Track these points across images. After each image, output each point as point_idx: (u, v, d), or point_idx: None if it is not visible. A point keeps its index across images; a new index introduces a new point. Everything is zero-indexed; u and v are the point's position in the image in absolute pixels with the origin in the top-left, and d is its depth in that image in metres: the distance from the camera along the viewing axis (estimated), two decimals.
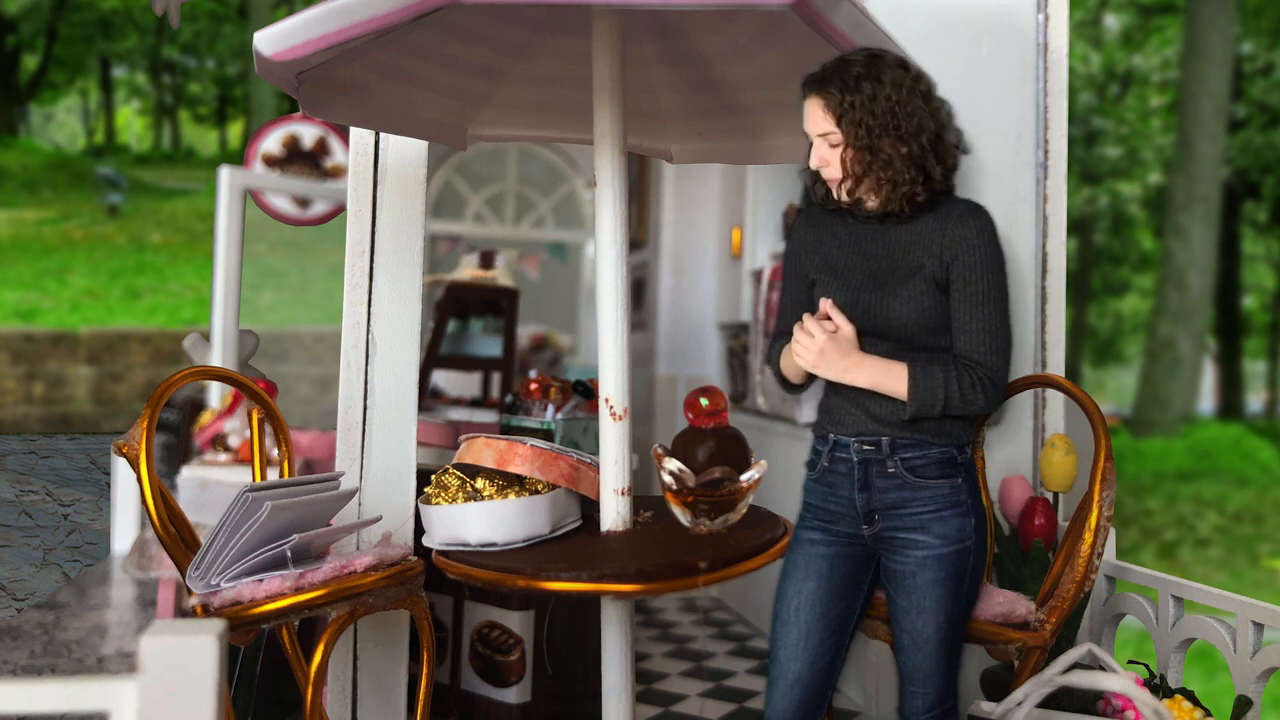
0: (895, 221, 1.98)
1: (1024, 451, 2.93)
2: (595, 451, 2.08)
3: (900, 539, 1.96)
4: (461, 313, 4.30)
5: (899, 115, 1.89)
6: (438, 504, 2.02)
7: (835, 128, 1.90)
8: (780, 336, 2.16)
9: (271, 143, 4.05)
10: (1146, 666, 2.37)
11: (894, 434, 1.96)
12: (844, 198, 1.97)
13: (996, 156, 2.94)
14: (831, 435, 2.03)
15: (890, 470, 1.96)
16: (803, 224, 2.12)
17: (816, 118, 1.92)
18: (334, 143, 4.08)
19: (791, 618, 2.01)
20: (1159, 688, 2.30)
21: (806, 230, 2.11)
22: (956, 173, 1.98)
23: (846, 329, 1.93)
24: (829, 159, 1.93)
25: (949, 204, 1.96)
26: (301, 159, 4.07)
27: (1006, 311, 1.95)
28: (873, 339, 1.97)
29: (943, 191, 1.97)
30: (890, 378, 1.92)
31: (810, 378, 2.09)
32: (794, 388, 2.13)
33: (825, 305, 1.95)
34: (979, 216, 1.95)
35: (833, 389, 2.04)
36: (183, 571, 2.04)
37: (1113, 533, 2.55)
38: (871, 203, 1.97)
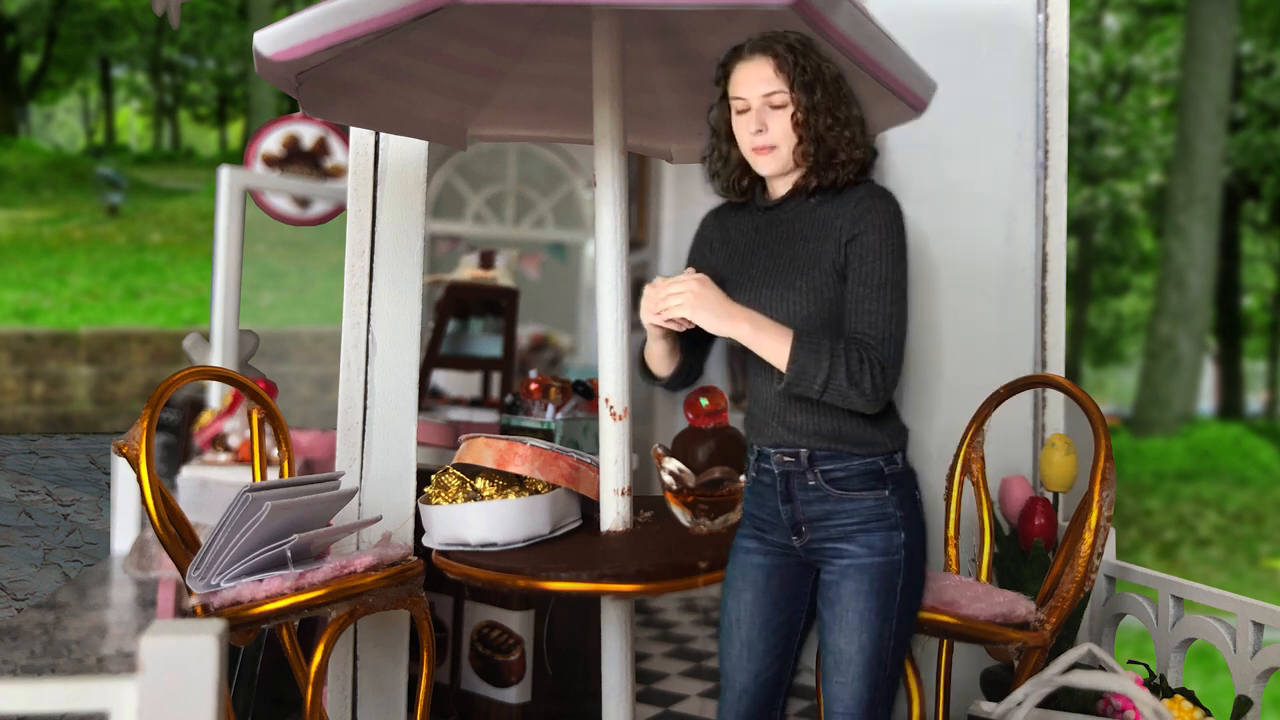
0: (800, 208, 1.87)
1: (1024, 451, 2.93)
2: (595, 451, 2.08)
3: (828, 549, 1.84)
4: (461, 313, 4.30)
5: (843, 82, 1.83)
6: (438, 504, 2.02)
7: (786, 88, 1.79)
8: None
9: (271, 143, 4.05)
10: (1146, 666, 2.37)
11: (812, 445, 1.83)
12: (772, 171, 1.86)
13: (996, 156, 2.94)
14: (755, 445, 1.93)
15: (810, 483, 1.84)
16: (711, 220, 2.05)
17: (764, 77, 1.80)
18: (334, 143, 4.08)
19: (733, 629, 1.91)
20: (1159, 688, 2.30)
21: (715, 227, 2.03)
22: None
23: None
24: (768, 123, 1.81)
25: (854, 188, 1.84)
26: (301, 159, 4.07)
27: (904, 300, 1.79)
28: None
29: (864, 169, 1.87)
30: (771, 334, 1.75)
31: (675, 367, 1.98)
32: (656, 379, 2.01)
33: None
34: (883, 198, 1.82)
35: (753, 399, 1.93)
36: (183, 571, 2.04)
37: (1113, 533, 2.55)
38: (781, 183, 1.88)
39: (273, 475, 2.60)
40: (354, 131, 2.69)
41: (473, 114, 2.44)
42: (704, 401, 2.04)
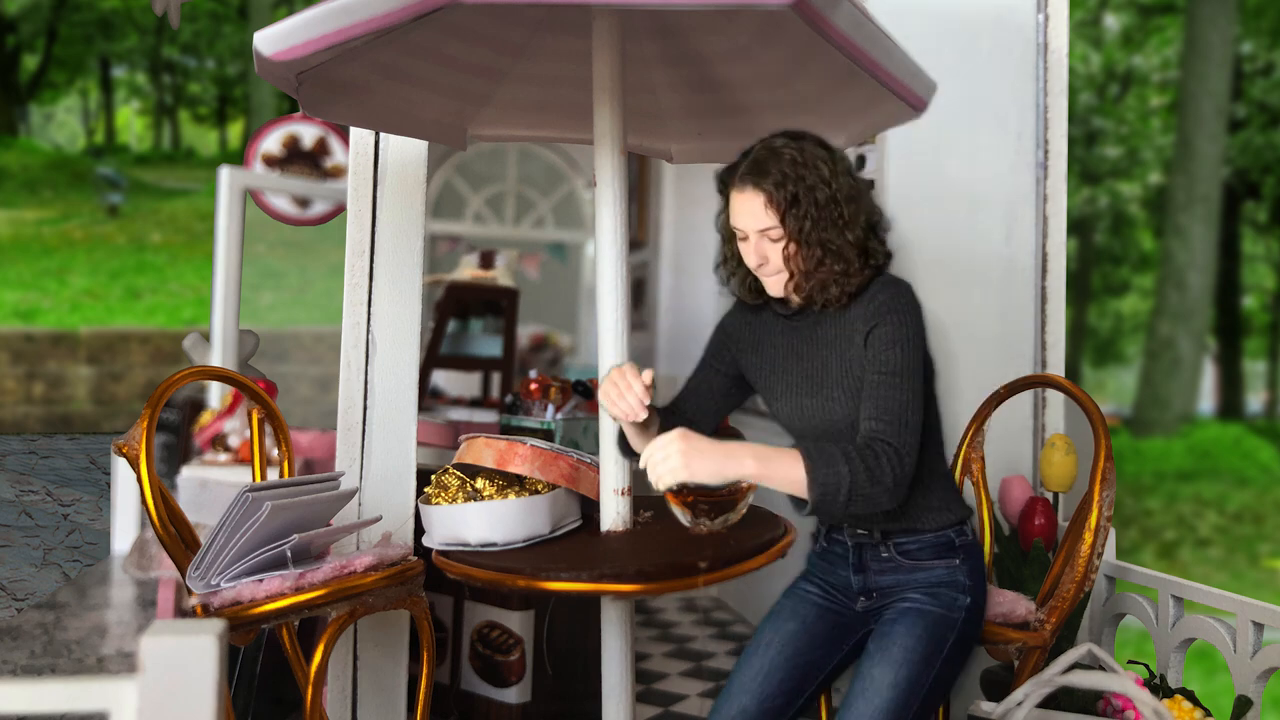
0: (820, 315, 1.86)
1: (1024, 451, 2.93)
2: (595, 451, 2.08)
3: (892, 603, 1.90)
4: (461, 313, 4.30)
5: (840, 201, 1.79)
6: (438, 504, 2.02)
7: (778, 223, 1.78)
8: (673, 412, 2.03)
9: (271, 143, 4.05)
10: (1146, 666, 2.37)
11: (883, 525, 1.88)
12: (783, 294, 1.85)
13: (996, 156, 2.94)
14: (823, 524, 1.99)
15: (884, 555, 1.89)
16: (736, 320, 2.01)
17: (756, 212, 1.79)
18: (334, 143, 4.08)
19: (760, 649, 1.91)
20: (1159, 688, 2.29)
21: (742, 324, 2.00)
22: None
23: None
24: (769, 254, 1.81)
25: (870, 285, 1.82)
26: (301, 159, 4.07)
27: (919, 389, 1.76)
28: (824, 440, 1.82)
29: (880, 270, 1.85)
30: (779, 461, 1.64)
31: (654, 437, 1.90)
32: (635, 456, 1.95)
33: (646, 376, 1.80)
34: (894, 288, 1.80)
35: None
36: (183, 571, 2.04)
37: (1113, 533, 2.55)
38: (796, 298, 1.85)
39: (273, 475, 2.60)
40: (354, 131, 2.69)
41: (473, 114, 2.44)
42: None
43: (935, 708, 1.89)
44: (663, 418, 2.00)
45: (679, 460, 1.62)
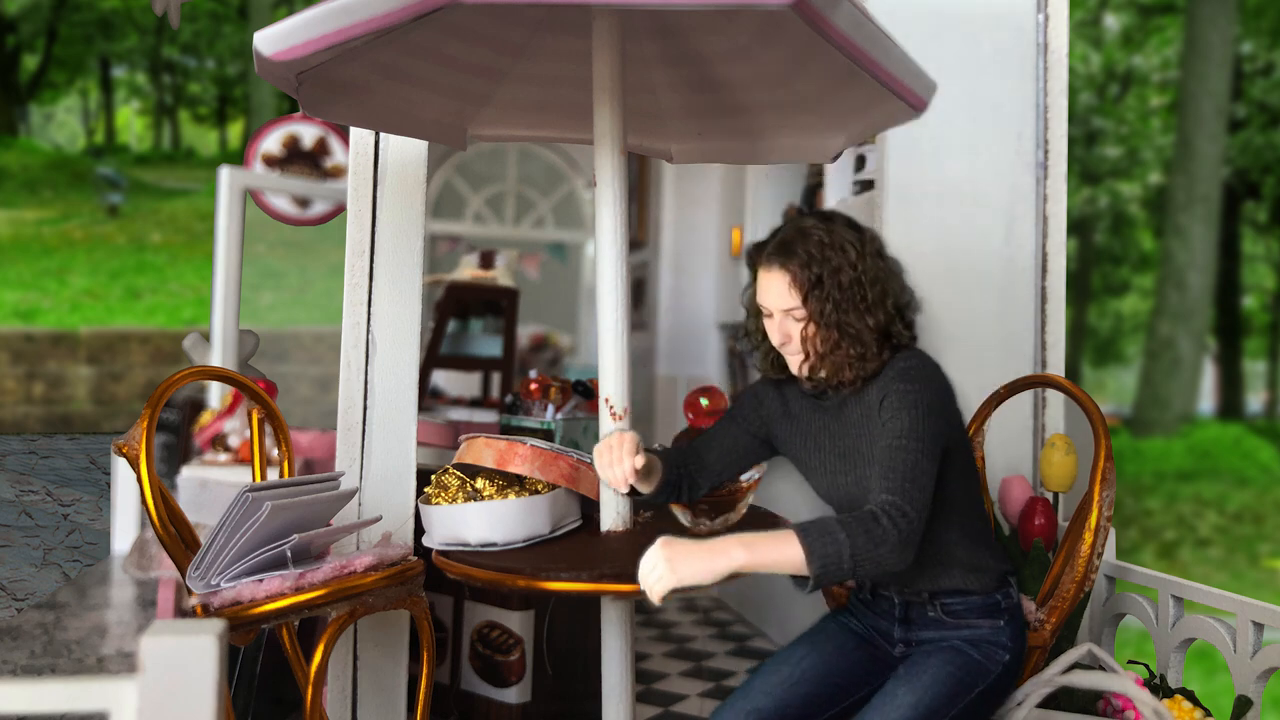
0: (846, 395, 1.87)
1: (1024, 451, 2.93)
2: None
3: (929, 647, 1.91)
4: (461, 313, 4.30)
5: (864, 284, 1.80)
6: (438, 504, 2.02)
7: (801, 303, 1.80)
8: (693, 456, 2.01)
9: (271, 143, 4.05)
10: (1146, 666, 2.37)
11: (930, 586, 1.89)
12: (802, 374, 1.87)
13: (996, 156, 2.94)
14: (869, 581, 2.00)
15: (930, 614, 1.91)
16: (769, 389, 2.01)
17: (780, 292, 1.82)
18: (334, 143, 4.08)
19: (790, 660, 1.92)
20: (1159, 688, 2.29)
21: (776, 394, 2.00)
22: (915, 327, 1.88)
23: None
24: (791, 333, 1.84)
25: (891, 361, 1.83)
26: (301, 159, 4.07)
27: (931, 451, 1.72)
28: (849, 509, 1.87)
29: (903, 347, 1.85)
30: (770, 543, 1.59)
31: (659, 482, 1.92)
32: (641, 494, 1.94)
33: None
34: (912, 357, 1.81)
35: None
36: (183, 571, 2.04)
37: (1113, 533, 2.55)
38: (822, 374, 1.86)
39: (273, 475, 2.60)
40: (354, 131, 2.69)
41: (473, 114, 2.44)
42: (704, 401, 2.05)
43: None
44: (682, 460, 1.99)
45: (665, 568, 1.57)
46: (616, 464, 1.80)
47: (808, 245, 1.80)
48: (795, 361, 1.86)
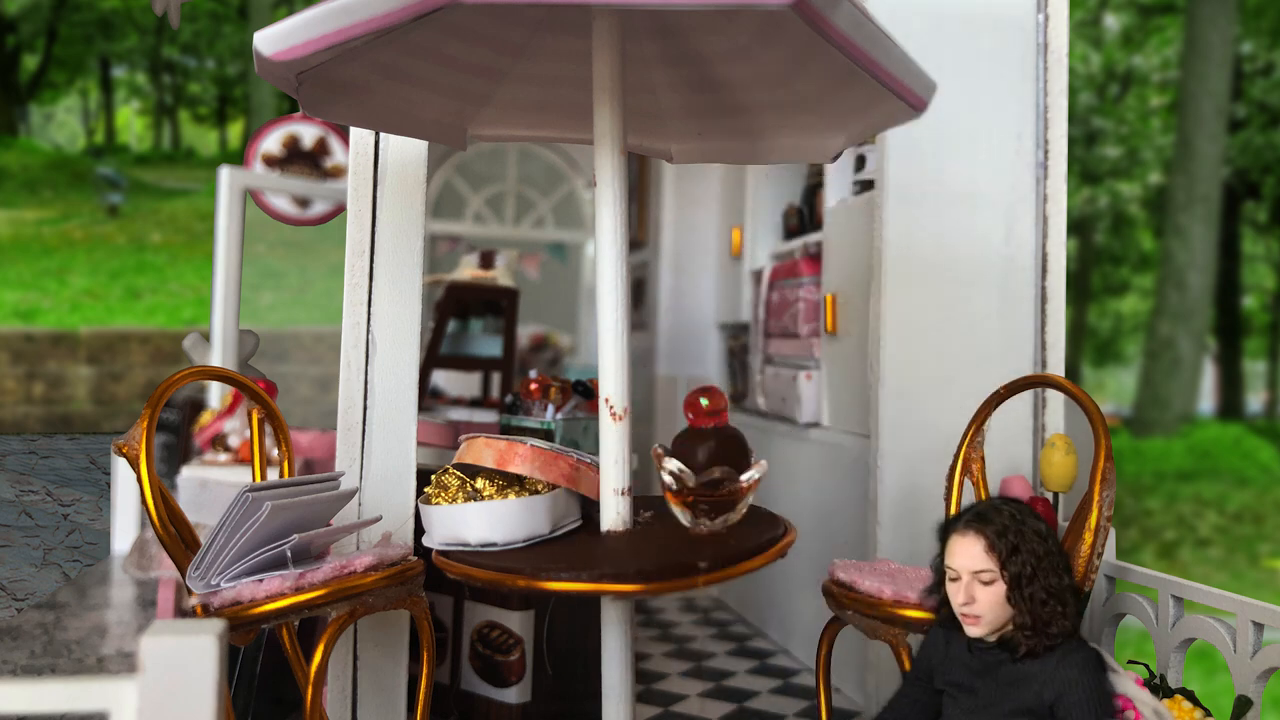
0: (1008, 658, 2.02)
1: (1024, 451, 2.93)
2: (595, 451, 2.08)
3: None
4: (461, 313, 4.30)
5: (1051, 560, 1.98)
6: (438, 504, 2.02)
7: (996, 567, 1.96)
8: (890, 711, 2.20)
9: (271, 143, 4.05)
10: (1146, 666, 2.37)
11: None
12: (979, 633, 2.01)
13: (996, 156, 2.94)
14: None
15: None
16: (941, 634, 2.16)
17: (975, 555, 1.98)
18: (334, 143, 4.08)
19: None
20: (1159, 688, 2.29)
21: (943, 642, 2.14)
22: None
23: None
24: (976, 596, 1.98)
25: (1060, 647, 2.00)
26: (301, 159, 4.07)
27: None
28: None
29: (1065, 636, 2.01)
30: None
31: None
32: None
33: None
34: (1082, 652, 1.98)
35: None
36: (183, 571, 2.04)
37: (1113, 533, 2.55)
38: (976, 634, 2.02)
39: (273, 475, 2.60)
40: (354, 131, 2.69)
41: (473, 114, 2.44)
42: (704, 401, 2.04)
43: None
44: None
45: None
46: None
47: (1002, 519, 1.99)
48: (977, 625, 2.00)
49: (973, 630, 2.00)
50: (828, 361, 3.84)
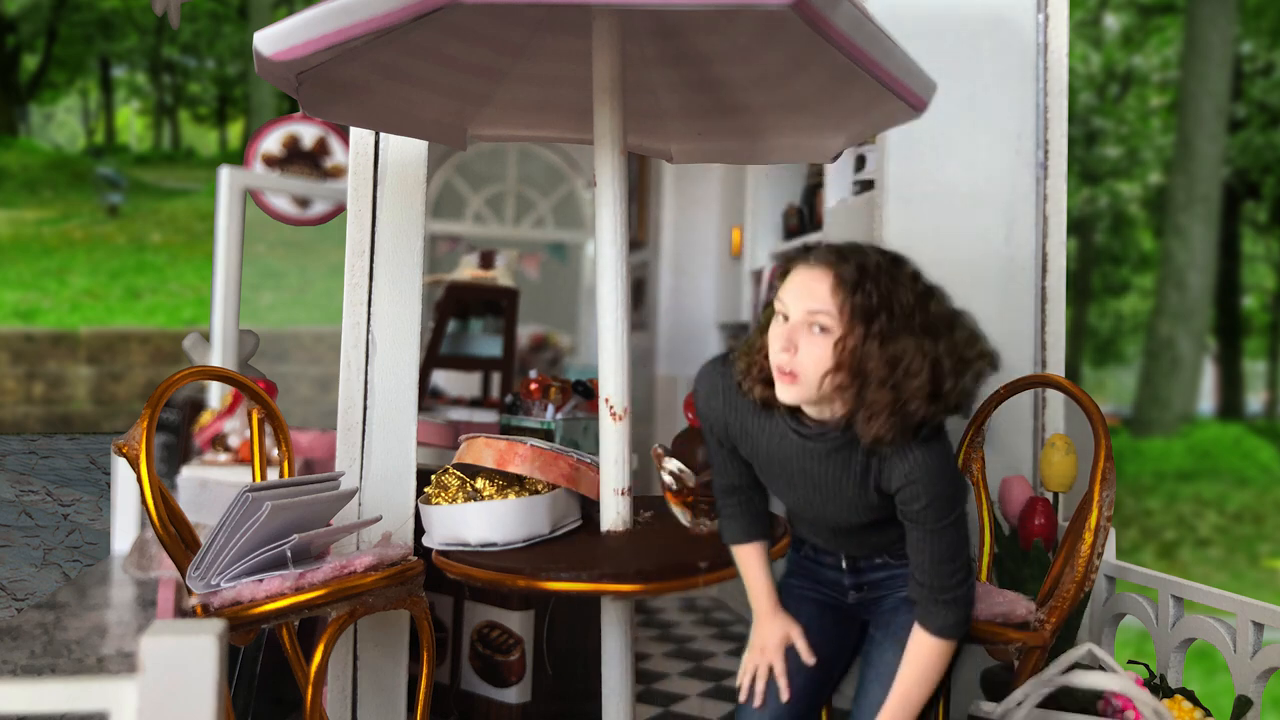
0: (834, 443, 1.64)
1: (1024, 451, 2.93)
2: (595, 451, 2.08)
3: (885, 595, 1.93)
4: (461, 313, 4.30)
5: (932, 316, 1.55)
6: (438, 504, 2.02)
7: (837, 311, 1.51)
8: (723, 495, 1.89)
9: (271, 143, 4.05)
10: (1146, 666, 2.37)
11: (875, 557, 1.91)
12: (793, 401, 1.58)
13: (996, 156, 2.94)
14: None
15: (877, 561, 1.92)
16: (720, 401, 1.76)
17: (816, 293, 1.52)
18: (334, 143, 4.08)
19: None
20: (1159, 688, 2.29)
21: (726, 408, 1.76)
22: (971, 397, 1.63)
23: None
24: (800, 346, 1.54)
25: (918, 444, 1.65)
26: (301, 159, 4.07)
27: (962, 530, 1.68)
28: (825, 523, 1.84)
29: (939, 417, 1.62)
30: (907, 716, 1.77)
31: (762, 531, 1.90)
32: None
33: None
34: (926, 447, 1.61)
35: (801, 522, 1.92)
36: (183, 571, 2.04)
37: (1113, 533, 2.55)
38: (785, 398, 1.59)
39: (273, 475, 2.60)
40: (354, 131, 2.69)
41: (473, 114, 2.44)
42: None
43: (942, 685, 1.93)
44: (722, 501, 1.90)
45: None
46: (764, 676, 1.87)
47: (869, 259, 1.55)
48: (790, 387, 1.57)
49: (784, 393, 1.55)
50: None
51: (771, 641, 1.90)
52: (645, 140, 2.55)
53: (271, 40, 1.74)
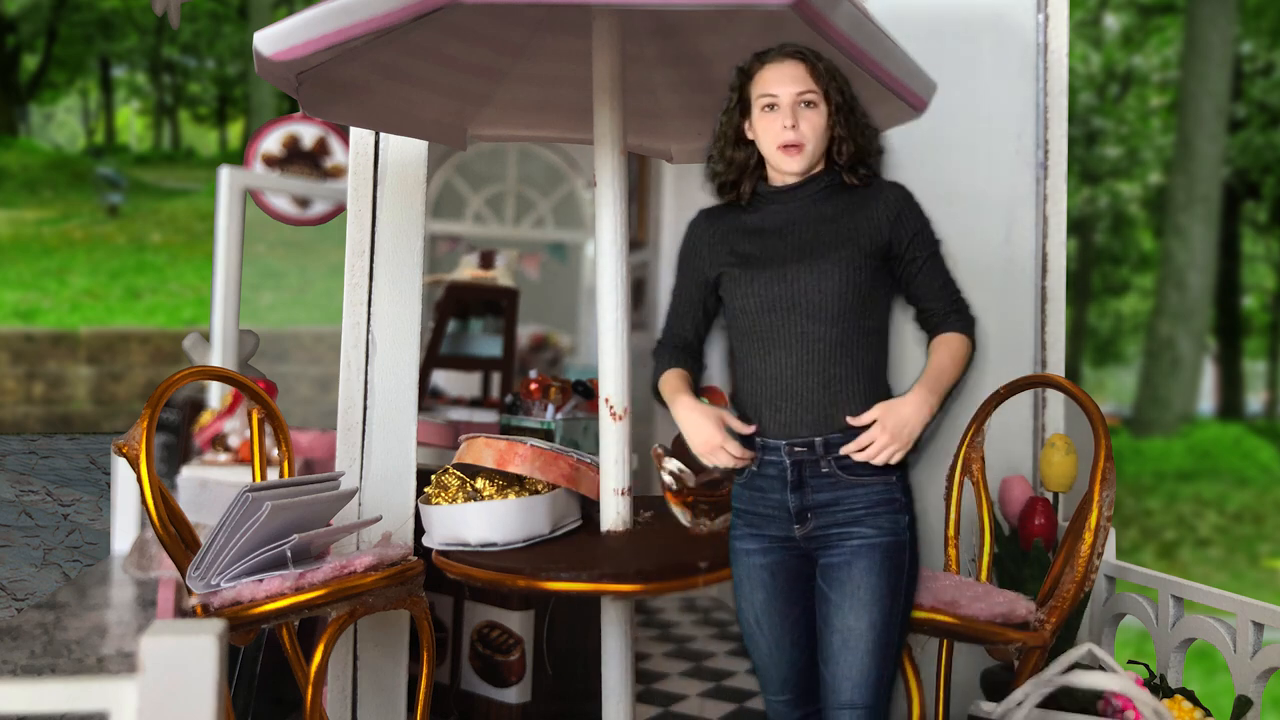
0: (815, 195, 1.95)
1: (1024, 451, 2.93)
2: (595, 451, 2.08)
3: (834, 534, 1.87)
4: (461, 313, 4.30)
5: (854, 92, 1.94)
6: (438, 504, 2.02)
7: (819, 88, 1.89)
8: (666, 347, 2.08)
9: (271, 143, 4.05)
10: (1146, 666, 2.37)
11: (826, 434, 1.86)
12: (800, 166, 1.92)
13: (996, 156, 2.94)
14: (758, 439, 1.92)
15: (824, 470, 1.87)
16: (702, 221, 2.06)
17: (798, 77, 1.89)
18: (334, 143, 4.07)
19: (755, 631, 1.95)
20: (1159, 688, 2.29)
21: (706, 227, 2.05)
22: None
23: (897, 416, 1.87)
24: (800, 121, 1.89)
25: (871, 182, 1.99)
26: (301, 159, 4.07)
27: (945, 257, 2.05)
28: (799, 318, 1.89)
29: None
30: (952, 373, 1.94)
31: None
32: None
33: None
34: (898, 184, 1.99)
35: (753, 387, 1.93)
36: (183, 571, 2.04)
37: (1113, 533, 2.55)
38: (794, 167, 1.93)
39: (273, 475, 2.60)
40: (354, 131, 2.69)
41: (473, 114, 2.44)
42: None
43: (908, 624, 1.95)
44: (659, 350, 2.08)
45: (898, 447, 1.86)
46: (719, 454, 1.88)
47: (816, 50, 1.91)
48: (799, 155, 1.90)
49: (792, 163, 1.91)
50: None
51: (709, 433, 1.89)
52: (645, 140, 2.55)
53: (271, 40, 1.74)
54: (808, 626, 1.92)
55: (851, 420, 1.86)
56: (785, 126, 1.88)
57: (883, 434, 1.83)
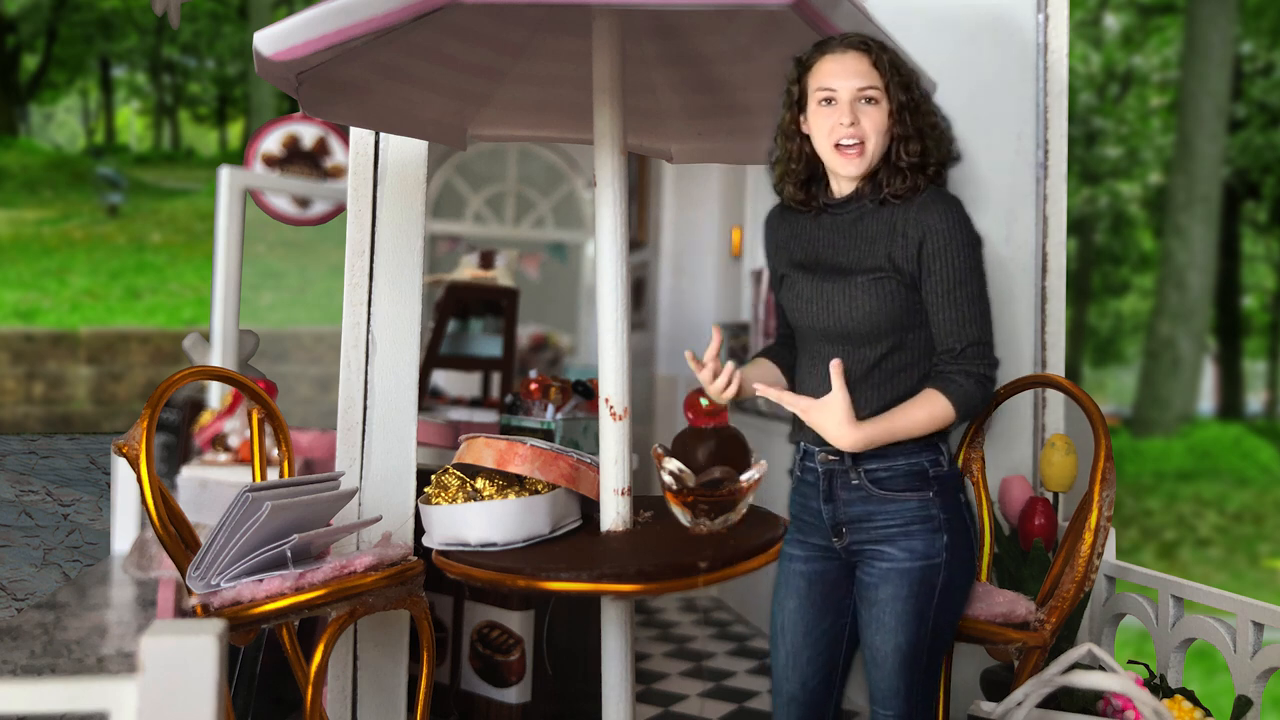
0: (862, 209, 1.85)
1: (1024, 451, 2.93)
2: (595, 451, 2.08)
3: (868, 550, 1.86)
4: (461, 313, 4.30)
5: (921, 82, 1.82)
6: (438, 504, 2.02)
7: (882, 84, 1.77)
8: (780, 340, 2.11)
9: (271, 143, 4.05)
10: (1146, 666, 2.37)
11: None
12: (856, 170, 1.81)
13: (996, 156, 2.94)
14: (800, 442, 1.94)
15: (854, 482, 1.85)
16: (775, 218, 2.02)
17: (861, 71, 1.77)
18: (334, 143, 4.07)
19: (779, 637, 1.95)
20: (1159, 688, 2.29)
21: (780, 225, 2.01)
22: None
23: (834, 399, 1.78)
24: (860, 117, 1.78)
25: (924, 193, 1.84)
26: (301, 159, 4.07)
27: (980, 289, 1.82)
28: (831, 340, 1.87)
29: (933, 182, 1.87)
30: (886, 437, 1.80)
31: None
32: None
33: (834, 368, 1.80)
34: (945, 200, 1.82)
35: (798, 390, 1.93)
36: (183, 571, 2.04)
37: (1113, 533, 2.55)
38: (848, 184, 1.84)
39: (273, 475, 2.60)
40: (354, 131, 2.69)
41: (473, 114, 2.44)
42: (704, 401, 2.04)
43: (948, 641, 1.92)
44: (783, 354, 2.05)
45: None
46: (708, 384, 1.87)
47: (882, 41, 1.80)
48: (857, 155, 1.80)
49: (851, 166, 1.80)
50: None
51: (789, 400, 1.84)
52: (645, 140, 2.55)
53: (271, 40, 1.74)
54: (830, 644, 1.92)
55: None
56: (842, 124, 1.78)
57: (806, 408, 1.79)
